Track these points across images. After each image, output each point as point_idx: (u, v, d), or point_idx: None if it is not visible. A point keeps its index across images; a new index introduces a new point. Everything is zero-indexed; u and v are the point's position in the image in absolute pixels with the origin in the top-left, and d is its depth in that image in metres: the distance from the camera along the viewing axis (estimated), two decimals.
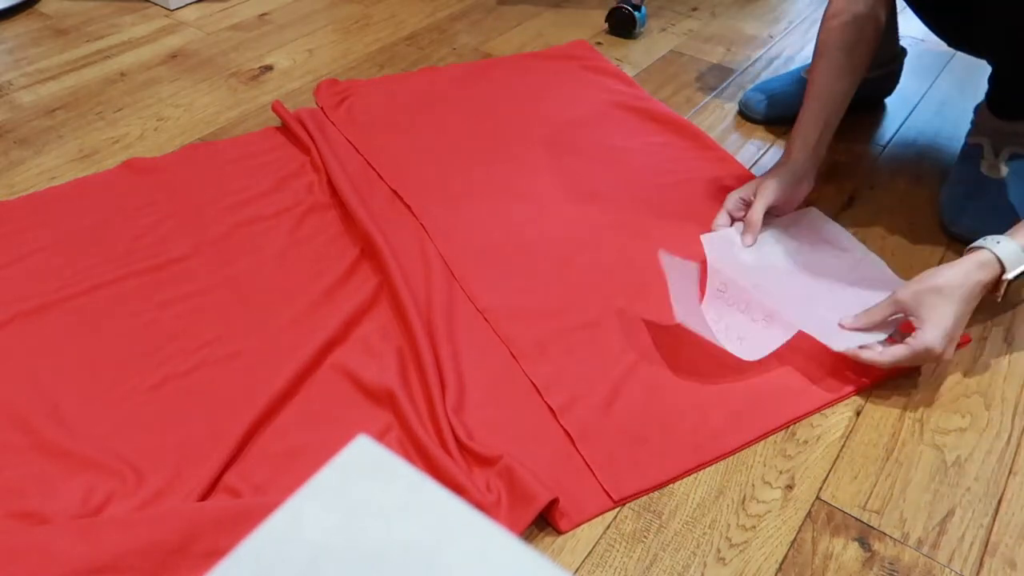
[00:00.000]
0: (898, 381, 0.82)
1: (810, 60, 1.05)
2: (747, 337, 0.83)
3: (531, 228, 1.00)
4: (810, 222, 0.99)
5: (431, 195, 1.05)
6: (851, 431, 0.78)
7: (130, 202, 1.02)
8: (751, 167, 1.13)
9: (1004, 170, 0.99)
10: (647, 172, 1.09)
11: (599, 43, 1.46)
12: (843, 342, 0.80)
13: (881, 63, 1.20)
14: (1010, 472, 0.75)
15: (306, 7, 1.57)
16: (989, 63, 1.02)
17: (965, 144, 1.06)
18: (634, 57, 1.42)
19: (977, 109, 1.07)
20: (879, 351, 0.79)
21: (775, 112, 1.21)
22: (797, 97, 1.04)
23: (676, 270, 0.86)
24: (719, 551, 0.68)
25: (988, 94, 1.04)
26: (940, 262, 0.97)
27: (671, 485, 0.73)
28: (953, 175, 1.04)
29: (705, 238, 0.94)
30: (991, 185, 0.99)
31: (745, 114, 1.24)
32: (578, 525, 0.69)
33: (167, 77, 1.33)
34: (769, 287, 0.87)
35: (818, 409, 0.79)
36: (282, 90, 1.30)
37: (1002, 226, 0.97)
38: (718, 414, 0.78)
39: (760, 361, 0.82)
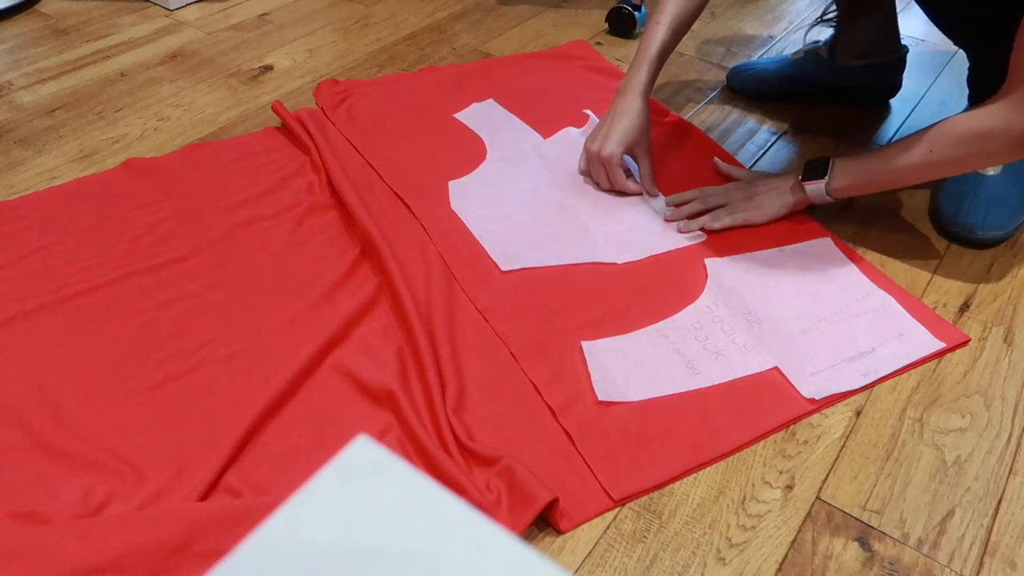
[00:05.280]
0: (898, 381, 0.82)
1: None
2: (724, 353, 0.83)
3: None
4: (822, 254, 0.96)
5: (431, 195, 1.05)
6: (851, 431, 0.78)
7: (130, 202, 1.02)
8: (751, 167, 1.13)
9: (998, 167, 0.99)
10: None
11: (599, 43, 1.46)
12: (813, 388, 0.80)
13: (874, 52, 1.20)
14: (1010, 472, 0.75)
15: (306, 7, 1.57)
16: (968, 57, 1.05)
17: None
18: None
19: None
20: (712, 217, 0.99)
21: (748, 84, 1.29)
22: (771, 76, 1.26)
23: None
24: (719, 551, 0.68)
25: (969, 96, 1.05)
26: (940, 262, 0.97)
27: (671, 485, 0.73)
28: None
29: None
30: (986, 182, 0.99)
31: (729, 82, 1.32)
32: (578, 525, 0.69)
33: (167, 77, 1.33)
34: (762, 316, 0.87)
35: (818, 409, 0.79)
36: (282, 90, 1.30)
37: (999, 220, 0.98)
38: (718, 414, 0.78)
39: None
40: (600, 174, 1.04)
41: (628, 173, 1.05)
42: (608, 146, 1.01)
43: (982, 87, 0.93)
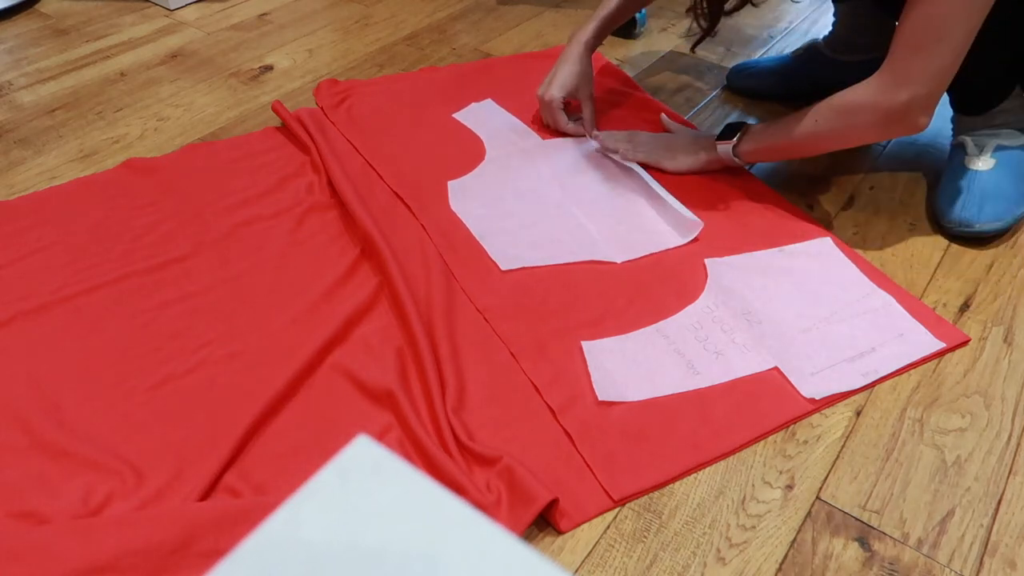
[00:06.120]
0: (898, 381, 0.82)
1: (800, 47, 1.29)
2: (724, 353, 0.83)
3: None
4: (822, 254, 0.96)
5: (431, 195, 1.05)
6: (851, 431, 0.78)
7: (130, 202, 1.02)
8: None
9: (991, 162, 1.00)
10: (647, 172, 1.09)
11: None
12: (813, 388, 0.80)
13: (873, 48, 1.20)
14: (1010, 472, 0.75)
15: (306, 7, 1.57)
16: None
17: (951, 146, 1.07)
18: (634, 57, 1.42)
19: (953, 115, 1.08)
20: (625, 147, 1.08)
21: (748, 84, 1.30)
22: (771, 75, 1.28)
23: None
24: (719, 551, 0.68)
25: (951, 102, 1.05)
26: (940, 261, 0.97)
27: (671, 485, 0.73)
28: (944, 173, 1.05)
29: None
30: (979, 177, 1.00)
31: (729, 82, 1.33)
32: (578, 525, 0.69)
33: (167, 77, 1.33)
34: (762, 317, 0.87)
35: (818, 409, 0.79)
36: (282, 90, 1.30)
37: (996, 212, 0.98)
38: (718, 414, 0.78)
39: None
40: (546, 116, 1.16)
41: (578, 117, 1.16)
42: (549, 91, 1.13)
43: (956, 87, 0.94)
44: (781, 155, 1.03)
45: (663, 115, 1.19)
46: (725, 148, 1.03)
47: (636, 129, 1.18)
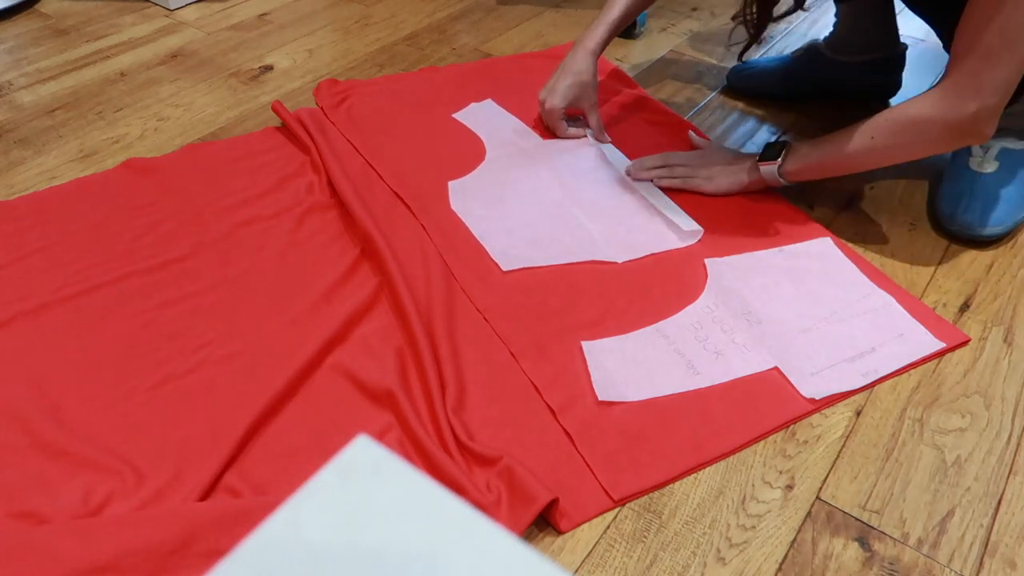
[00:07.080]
0: (898, 381, 0.82)
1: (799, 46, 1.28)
2: (724, 353, 0.83)
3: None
4: (822, 254, 0.96)
5: (431, 195, 1.05)
6: (851, 431, 0.78)
7: (130, 202, 1.02)
8: None
9: (994, 164, 1.00)
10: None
11: None
12: (813, 388, 0.80)
13: (873, 47, 1.20)
14: (1010, 472, 0.75)
15: (306, 7, 1.57)
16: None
17: None
18: (634, 57, 1.42)
19: None
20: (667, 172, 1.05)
21: (748, 84, 1.30)
22: (771, 75, 1.27)
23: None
24: (719, 551, 0.68)
25: None
26: (941, 261, 0.97)
27: (671, 485, 0.73)
28: (946, 174, 1.05)
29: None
30: (982, 180, 1.00)
31: (729, 81, 1.33)
32: (578, 525, 0.69)
33: (167, 77, 1.33)
34: (762, 316, 0.87)
35: (818, 409, 0.79)
36: (282, 90, 1.30)
37: (997, 216, 0.98)
38: (718, 414, 0.78)
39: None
40: (547, 122, 1.15)
41: (584, 123, 1.16)
42: (551, 100, 1.12)
43: None
44: (830, 172, 0.98)
45: (691, 132, 1.16)
46: (770, 169, 0.99)
47: (634, 129, 1.18)
